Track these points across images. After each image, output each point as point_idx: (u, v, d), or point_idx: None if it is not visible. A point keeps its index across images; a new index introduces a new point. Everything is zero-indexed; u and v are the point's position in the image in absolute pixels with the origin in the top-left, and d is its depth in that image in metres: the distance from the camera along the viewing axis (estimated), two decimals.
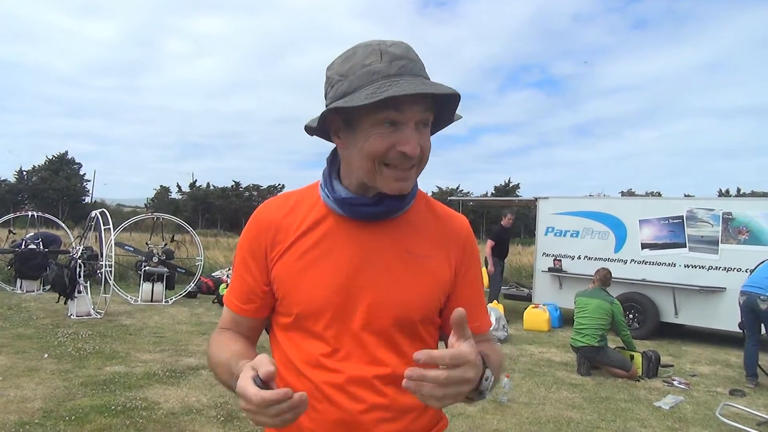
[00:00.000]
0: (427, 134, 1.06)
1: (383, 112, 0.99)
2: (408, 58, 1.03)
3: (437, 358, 0.86)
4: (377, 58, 1.01)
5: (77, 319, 8.03)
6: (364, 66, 1.01)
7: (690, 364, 7.12)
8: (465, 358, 0.87)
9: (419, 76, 1.02)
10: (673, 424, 4.72)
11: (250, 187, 59.57)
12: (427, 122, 1.04)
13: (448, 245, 1.16)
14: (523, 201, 14.36)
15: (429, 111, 1.03)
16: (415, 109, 1.00)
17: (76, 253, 8.71)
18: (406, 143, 1.00)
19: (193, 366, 5.78)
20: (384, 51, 1.02)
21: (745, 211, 8.14)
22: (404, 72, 1.01)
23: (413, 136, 1.01)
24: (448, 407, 0.96)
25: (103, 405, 4.45)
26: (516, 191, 55.30)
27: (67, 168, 54.76)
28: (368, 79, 1.00)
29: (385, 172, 1.04)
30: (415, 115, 1.01)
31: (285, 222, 1.15)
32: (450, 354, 0.87)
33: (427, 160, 1.08)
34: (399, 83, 0.98)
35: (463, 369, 0.87)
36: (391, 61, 1.01)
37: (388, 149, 1.02)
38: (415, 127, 1.02)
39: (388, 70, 1.00)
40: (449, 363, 0.86)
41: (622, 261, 9.04)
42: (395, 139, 1.01)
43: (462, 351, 0.88)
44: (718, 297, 8.14)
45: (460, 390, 0.88)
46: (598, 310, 6.22)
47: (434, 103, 1.04)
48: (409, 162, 1.03)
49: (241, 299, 1.17)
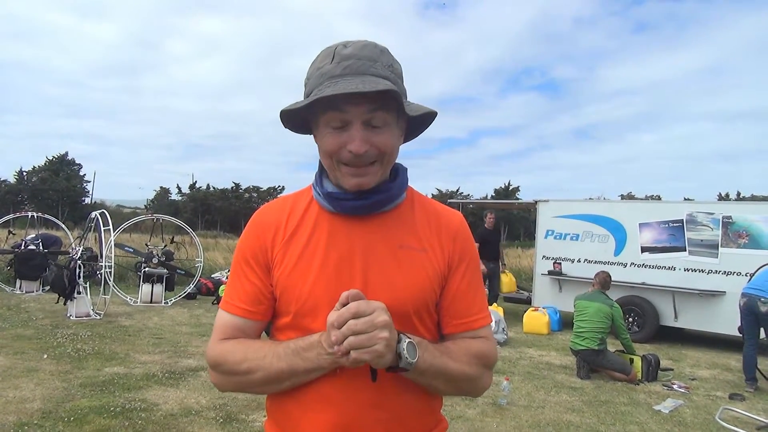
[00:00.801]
0: (384, 132, 1.07)
1: (328, 113, 1.05)
2: (356, 57, 1.05)
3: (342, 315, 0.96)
4: (329, 60, 1.06)
5: (76, 320, 8.02)
6: (318, 69, 1.07)
7: (689, 367, 7.11)
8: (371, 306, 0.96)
9: (365, 74, 1.03)
10: (673, 428, 4.72)
11: (250, 189, 59.48)
12: (380, 120, 1.06)
13: (440, 238, 1.17)
14: (523, 204, 14.36)
15: (379, 110, 1.05)
16: (359, 109, 1.03)
17: (75, 254, 8.71)
18: (351, 142, 1.04)
19: (193, 367, 5.78)
20: (337, 52, 1.06)
21: (745, 215, 8.14)
22: (348, 72, 1.03)
23: (358, 135, 1.04)
24: (447, 411, 0.97)
25: (102, 406, 4.44)
26: (516, 194, 55.20)
27: (67, 169, 54.71)
28: (318, 82, 1.05)
29: (342, 169, 1.09)
30: (360, 114, 1.04)
31: (282, 223, 1.17)
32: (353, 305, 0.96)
33: (390, 156, 1.10)
34: (337, 84, 1.01)
35: (371, 316, 0.95)
36: (339, 62, 1.05)
37: (339, 148, 1.06)
38: (363, 126, 1.04)
39: (334, 71, 1.04)
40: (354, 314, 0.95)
41: (622, 264, 9.04)
42: (344, 138, 1.05)
43: (368, 301, 0.98)
44: (718, 301, 8.14)
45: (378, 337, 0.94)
46: (598, 313, 6.21)
47: (387, 100, 1.04)
48: (361, 159, 1.06)
49: (249, 302, 1.16)
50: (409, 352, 1.00)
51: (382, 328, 0.95)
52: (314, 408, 1.09)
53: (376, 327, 0.94)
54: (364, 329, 0.94)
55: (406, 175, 1.20)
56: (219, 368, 1.14)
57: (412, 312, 1.11)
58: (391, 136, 1.08)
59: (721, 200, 42.33)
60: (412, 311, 1.11)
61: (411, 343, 1.01)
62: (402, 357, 0.99)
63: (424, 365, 1.04)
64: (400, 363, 1.00)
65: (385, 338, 0.95)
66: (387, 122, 1.07)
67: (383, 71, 1.06)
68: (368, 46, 1.07)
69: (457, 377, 1.12)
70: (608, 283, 6.62)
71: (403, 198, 1.18)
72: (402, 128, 1.14)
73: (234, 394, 4.90)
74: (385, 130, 1.07)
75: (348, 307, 0.96)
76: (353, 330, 0.94)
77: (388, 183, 1.15)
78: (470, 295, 1.18)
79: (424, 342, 1.07)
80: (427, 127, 1.21)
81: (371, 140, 1.05)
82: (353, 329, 0.94)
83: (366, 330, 0.94)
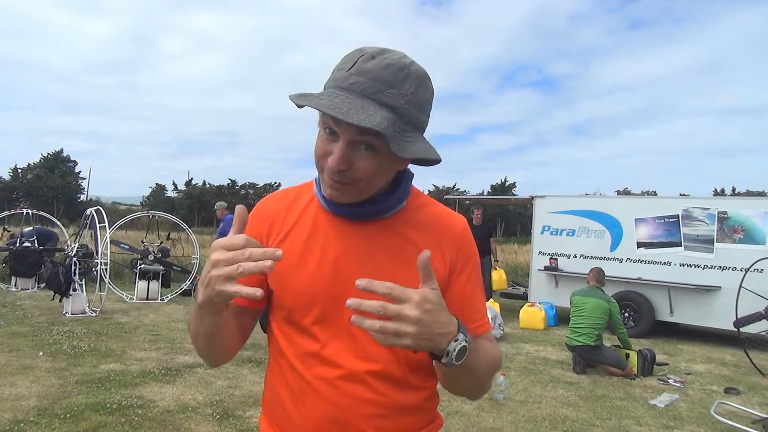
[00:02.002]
0: (370, 158, 1.01)
1: (324, 117, 1.01)
2: (370, 77, 0.98)
3: (377, 287, 0.87)
4: (348, 66, 1.00)
5: (72, 317, 8.00)
6: (338, 69, 1.02)
7: (685, 362, 7.15)
8: (407, 295, 0.89)
9: (369, 98, 0.97)
10: (668, 422, 4.74)
11: (247, 186, 59.51)
12: (370, 145, 1.00)
13: (441, 244, 1.15)
14: (520, 200, 14.38)
15: (367, 135, 0.98)
16: (349, 129, 0.98)
17: (71, 251, 8.69)
18: (331, 154, 1.01)
19: (189, 364, 5.77)
20: (358, 63, 1.00)
21: (740, 210, 8.17)
22: (353, 89, 0.98)
23: (339, 153, 1.00)
24: (444, 406, 0.96)
25: (99, 403, 4.44)
26: (512, 190, 55.34)
27: (63, 166, 54.56)
28: (331, 83, 1.01)
29: (322, 176, 1.06)
30: (348, 134, 0.99)
31: (282, 214, 1.16)
32: (388, 285, 0.88)
33: (371, 183, 1.04)
34: (334, 98, 0.97)
35: (403, 306, 0.88)
36: (352, 74, 0.99)
37: (323, 155, 1.03)
38: (349, 145, 1.00)
39: (342, 83, 0.99)
40: (387, 294, 0.88)
41: (618, 260, 9.07)
42: (329, 148, 1.02)
43: (405, 289, 0.89)
44: (714, 296, 8.17)
45: (400, 328, 0.88)
46: (596, 309, 6.22)
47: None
48: (338, 176, 1.02)
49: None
50: (458, 354, 0.96)
51: (410, 323, 0.89)
52: (307, 403, 1.09)
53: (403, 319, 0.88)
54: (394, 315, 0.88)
55: (410, 183, 1.17)
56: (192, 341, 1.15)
57: None
58: (377, 164, 1.02)
59: (716, 196, 42.49)
60: None
61: (464, 348, 0.97)
62: (449, 356, 0.96)
63: (465, 366, 1.00)
64: (443, 359, 0.97)
65: (410, 334, 0.89)
66: (377, 149, 1.00)
67: (394, 100, 0.98)
68: (392, 67, 0.99)
69: (480, 377, 1.11)
70: (603, 278, 6.63)
71: (403, 204, 1.16)
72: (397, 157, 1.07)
73: (231, 390, 4.90)
74: (372, 157, 1.01)
75: (385, 284, 0.88)
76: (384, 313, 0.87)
77: (387, 195, 1.12)
78: (473, 302, 1.17)
79: (475, 344, 1.03)
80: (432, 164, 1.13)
81: (353, 161, 1.01)
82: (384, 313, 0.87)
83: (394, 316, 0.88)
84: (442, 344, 0.94)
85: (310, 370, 1.08)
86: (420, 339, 0.90)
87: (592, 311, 6.22)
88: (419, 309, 0.89)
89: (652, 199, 13.87)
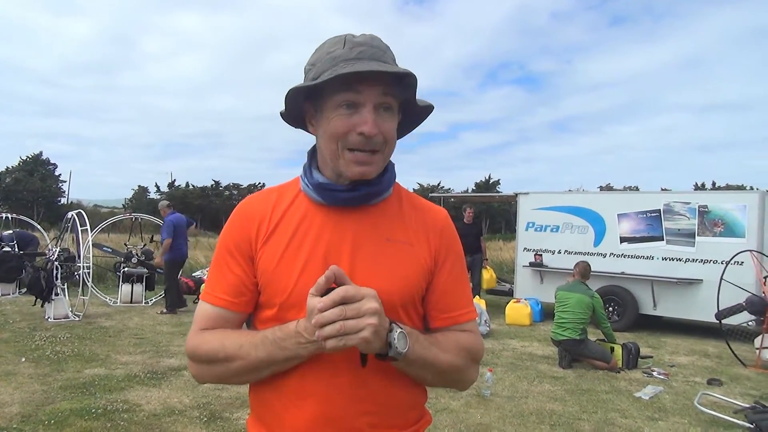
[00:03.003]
0: (390, 119, 1.08)
1: (341, 94, 1.04)
2: (369, 45, 1.07)
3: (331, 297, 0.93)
4: (341, 46, 1.07)
5: (55, 322, 7.90)
6: (329, 53, 1.07)
7: (669, 354, 7.24)
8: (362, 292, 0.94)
9: (379, 60, 1.05)
10: (653, 413, 4.80)
11: (230, 186, 59.06)
12: (388, 106, 1.07)
13: (426, 234, 1.18)
14: (504, 197, 14.45)
15: (389, 95, 1.06)
16: (374, 91, 1.04)
17: (52, 255, 8.56)
18: (364, 123, 1.04)
19: (175, 367, 5.72)
20: (348, 40, 1.07)
21: (720, 204, 8.29)
22: (363, 56, 1.05)
23: (371, 117, 1.04)
24: (431, 403, 0.97)
25: (83, 408, 4.38)
26: (496, 187, 55.57)
27: (42, 169, 53.76)
28: (331, 64, 1.05)
29: (347, 156, 1.07)
30: (373, 97, 1.05)
31: (267, 213, 1.16)
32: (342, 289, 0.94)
33: (391, 146, 1.11)
34: (355, 64, 1.02)
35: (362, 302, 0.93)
36: (352, 48, 1.06)
37: (348, 131, 1.05)
38: (375, 110, 1.05)
39: (348, 55, 1.05)
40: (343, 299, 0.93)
41: (602, 255, 9.16)
42: (355, 120, 1.05)
43: (358, 287, 0.95)
44: (696, 288, 8.29)
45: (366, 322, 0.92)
46: (579, 304, 6.28)
47: (396, 90, 1.06)
48: (369, 144, 1.06)
49: (231, 293, 1.14)
50: (399, 341, 0.99)
51: (371, 315, 0.93)
52: (297, 402, 1.08)
53: (364, 314, 0.92)
54: (353, 315, 0.92)
55: (394, 170, 1.20)
56: (197, 358, 1.13)
57: (398, 304, 1.11)
58: (394, 125, 1.10)
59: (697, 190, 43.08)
60: (399, 304, 1.11)
61: (402, 333, 1.01)
62: (392, 346, 0.98)
63: (413, 355, 1.03)
64: (390, 352, 0.99)
65: (372, 324, 0.93)
66: (393, 110, 1.09)
67: (392, 62, 1.09)
68: (377, 38, 1.10)
69: (446, 369, 1.12)
70: (588, 273, 6.70)
71: (390, 192, 1.19)
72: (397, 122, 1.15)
73: (218, 392, 4.87)
74: (392, 118, 1.09)
75: (336, 292, 0.93)
76: (340, 316, 0.92)
77: (379, 176, 1.14)
78: (457, 290, 1.19)
79: (415, 332, 1.06)
80: (418, 125, 1.22)
81: (380, 125, 1.06)
82: (340, 315, 0.92)
83: (353, 316, 0.92)
84: (384, 338, 0.98)
85: (300, 369, 1.08)
86: (378, 330, 0.94)
87: (575, 306, 6.28)
88: (377, 301, 0.95)
89: (634, 194, 14.03)
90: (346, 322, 0.91)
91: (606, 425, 4.48)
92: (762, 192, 8.13)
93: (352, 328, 0.92)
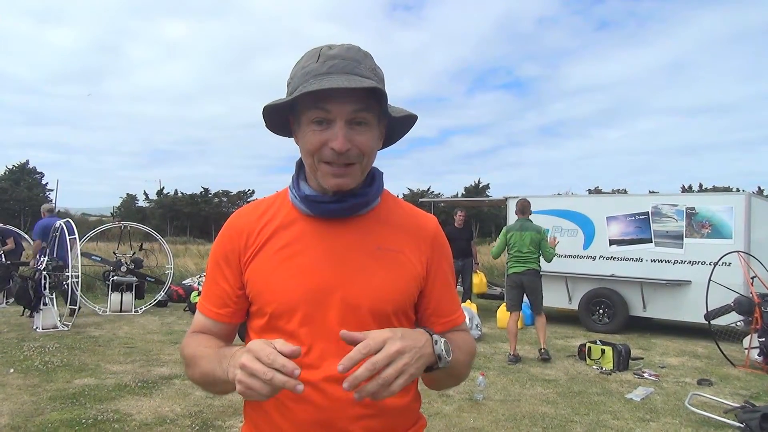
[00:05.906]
0: (365, 132, 1.07)
1: (312, 111, 1.05)
2: (342, 57, 1.05)
3: (353, 357, 0.89)
4: (314, 60, 1.06)
5: (43, 332, 7.81)
6: (303, 68, 1.07)
7: (659, 356, 7.29)
8: (381, 338, 0.92)
9: (351, 74, 1.04)
10: (645, 415, 4.83)
11: (220, 194, 58.81)
12: (362, 121, 1.06)
13: (417, 241, 1.19)
14: (494, 201, 14.48)
15: (362, 110, 1.05)
16: (343, 108, 1.04)
17: (40, 265, 8.48)
18: (334, 139, 1.04)
19: (166, 375, 5.68)
20: (323, 53, 1.06)
21: (708, 206, 8.37)
22: (333, 70, 1.04)
23: (341, 133, 1.04)
24: (424, 407, 0.98)
25: (74, 419, 4.34)
26: (486, 191, 55.80)
27: (29, 178, 53.31)
28: (303, 80, 1.05)
29: (323, 168, 1.08)
30: (344, 113, 1.04)
31: (256, 226, 1.17)
32: (363, 345, 0.90)
33: (370, 157, 1.11)
34: (323, 80, 1.01)
35: (385, 349, 0.91)
36: (324, 61, 1.05)
37: (320, 146, 1.06)
38: (347, 125, 1.05)
39: (319, 69, 1.04)
40: (366, 353, 0.90)
41: (591, 257, 9.21)
42: (326, 136, 1.05)
43: (369, 335, 0.93)
44: (684, 290, 8.35)
45: (397, 366, 0.91)
46: (534, 241, 6.89)
47: (371, 102, 1.06)
48: (343, 158, 1.06)
49: (217, 304, 1.18)
50: (446, 351, 1.02)
51: (401, 355, 0.92)
52: (293, 407, 1.09)
53: (393, 357, 0.91)
54: (384, 363, 0.90)
55: (382, 179, 1.21)
56: (182, 358, 1.19)
57: (391, 312, 1.12)
58: (372, 137, 1.09)
59: (684, 192, 43.46)
60: (392, 311, 1.12)
61: (446, 342, 1.03)
62: (442, 358, 1.01)
63: (453, 361, 1.05)
64: (440, 364, 1.01)
65: (406, 364, 0.92)
66: (369, 123, 1.07)
67: (367, 73, 1.06)
68: (353, 49, 1.08)
69: (461, 369, 1.16)
70: (528, 209, 7.12)
71: (378, 201, 1.19)
72: (382, 132, 1.15)
73: (209, 400, 4.84)
74: (367, 131, 1.07)
75: (356, 350, 0.90)
76: (372, 371, 0.89)
77: (366, 187, 1.15)
78: (451, 294, 1.24)
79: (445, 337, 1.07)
80: (406, 132, 1.22)
81: (353, 139, 1.05)
82: (372, 369, 0.89)
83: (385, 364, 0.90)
84: (429, 353, 0.99)
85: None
86: (416, 362, 0.94)
87: (531, 243, 6.88)
88: (398, 340, 0.93)
89: (622, 197, 14.13)
90: (382, 373, 0.90)
91: (598, 427, 4.50)
92: (748, 194, 8.22)
93: (390, 377, 0.90)
